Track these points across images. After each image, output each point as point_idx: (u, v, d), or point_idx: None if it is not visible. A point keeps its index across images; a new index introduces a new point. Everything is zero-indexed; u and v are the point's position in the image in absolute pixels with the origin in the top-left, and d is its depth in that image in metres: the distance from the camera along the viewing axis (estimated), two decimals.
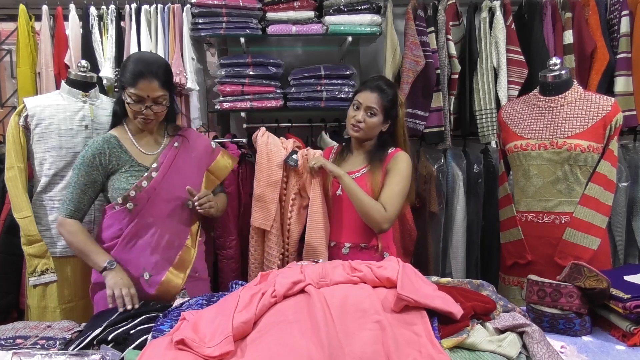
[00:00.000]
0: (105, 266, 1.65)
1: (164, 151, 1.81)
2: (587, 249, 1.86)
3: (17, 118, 2.00)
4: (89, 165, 1.72)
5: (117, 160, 1.74)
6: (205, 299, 1.50)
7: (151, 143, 1.82)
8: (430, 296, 1.24)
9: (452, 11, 2.64)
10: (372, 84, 1.88)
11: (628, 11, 2.53)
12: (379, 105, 1.84)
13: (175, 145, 1.83)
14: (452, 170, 2.63)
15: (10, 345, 1.30)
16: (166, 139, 1.85)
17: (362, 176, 1.88)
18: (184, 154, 1.84)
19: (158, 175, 1.75)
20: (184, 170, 1.81)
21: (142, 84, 1.67)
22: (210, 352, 1.12)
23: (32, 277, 1.95)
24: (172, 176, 1.77)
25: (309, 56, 2.85)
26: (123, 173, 1.73)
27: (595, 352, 1.27)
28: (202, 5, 2.49)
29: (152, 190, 1.73)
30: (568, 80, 1.94)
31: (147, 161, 1.78)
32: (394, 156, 1.89)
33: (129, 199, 1.71)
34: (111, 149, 1.74)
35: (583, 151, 1.85)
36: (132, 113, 1.72)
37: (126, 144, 1.77)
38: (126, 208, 1.71)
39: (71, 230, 1.72)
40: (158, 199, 1.74)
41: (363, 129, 1.86)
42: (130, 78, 1.68)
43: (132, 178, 1.73)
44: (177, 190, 1.78)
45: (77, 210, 1.73)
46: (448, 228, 2.65)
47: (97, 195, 1.78)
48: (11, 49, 2.93)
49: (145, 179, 1.73)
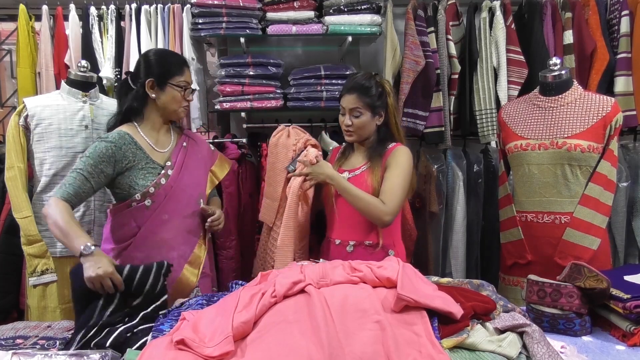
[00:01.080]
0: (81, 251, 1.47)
1: (175, 150, 1.82)
2: (587, 249, 1.85)
3: (17, 118, 2.00)
4: (100, 155, 1.67)
5: (133, 157, 1.72)
6: (205, 299, 1.50)
7: (161, 141, 1.83)
8: (430, 296, 1.24)
9: (452, 11, 2.64)
10: (349, 85, 1.88)
11: (628, 11, 2.53)
12: (362, 104, 1.83)
13: (184, 145, 1.85)
14: (452, 170, 2.63)
15: (10, 345, 1.30)
16: (173, 139, 1.86)
17: (362, 173, 1.87)
18: (192, 154, 1.86)
19: (174, 174, 1.76)
20: (194, 170, 1.84)
21: (187, 71, 1.79)
22: (210, 352, 1.12)
23: (32, 277, 1.95)
24: (185, 175, 1.80)
25: (309, 56, 2.85)
26: (140, 170, 1.72)
27: (595, 352, 1.27)
28: (202, 5, 2.49)
29: (169, 187, 1.74)
30: (568, 80, 1.94)
31: (160, 159, 1.79)
32: (393, 150, 1.88)
33: (147, 196, 1.71)
34: (127, 144, 1.72)
35: (583, 151, 1.85)
36: (180, 102, 1.77)
37: (140, 141, 1.76)
38: (144, 205, 1.71)
39: (59, 209, 1.56)
40: (174, 197, 1.76)
41: (354, 131, 1.87)
42: (177, 67, 1.75)
43: (149, 175, 1.73)
44: (189, 188, 1.80)
45: (75, 196, 1.62)
46: (448, 228, 2.65)
47: (99, 188, 1.71)
48: (11, 49, 2.93)
49: (163, 176, 1.74)
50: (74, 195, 1.62)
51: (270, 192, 2.14)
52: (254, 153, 2.68)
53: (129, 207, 1.72)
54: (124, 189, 1.73)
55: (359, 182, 1.84)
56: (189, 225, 1.81)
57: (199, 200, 1.84)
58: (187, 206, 1.80)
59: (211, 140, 2.64)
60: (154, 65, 1.75)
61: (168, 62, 1.76)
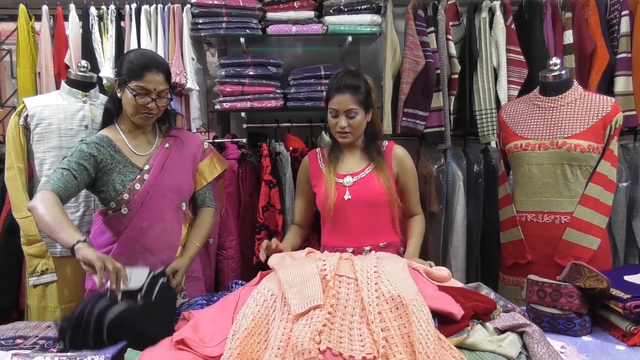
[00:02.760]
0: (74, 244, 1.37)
1: (155, 152, 1.76)
2: (587, 249, 1.86)
3: (17, 118, 2.00)
4: (81, 152, 1.62)
5: (111, 159, 1.68)
6: (205, 299, 1.50)
7: (144, 144, 1.76)
8: (431, 296, 1.24)
9: (452, 11, 2.64)
10: (338, 84, 1.78)
11: (628, 11, 2.53)
12: (356, 103, 1.76)
13: (166, 147, 1.78)
14: (452, 170, 2.63)
15: (10, 345, 1.30)
16: (158, 140, 1.80)
17: (370, 175, 1.82)
18: (176, 154, 1.79)
19: (150, 177, 1.70)
20: (176, 172, 1.77)
21: (149, 77, 1.63)
22: (210, 352, 1.12)
23: (32, 277, 1.95)
24: (164, 178, 1.73)
25: (309, 56, 2.85)
26: (117, 174, 1.68)
27: (595, 352, 1.27)
28: (202, 5, 2.49)
29: (146, 193, 1.69)
30: (568, 80, 1.94)
31: (140, 162, 1.73)
32: (394, 153, 1.87)
33: (122, 202, 1.67)
34: (105, 147, 1.68)
35: (583, 151, 1.85)
36: (135, 108, 1.65)
37: (119, 144, 1.72)
38: (120, 213, 1.67)
39: (50, 202, 1.47)
40: (152, 202, 1.70)
41: (351, 132, 1.79)
42: (137, 70, 1.63)
43: (126, 180, 1.68)
44: (169, 192, 1.74)
45: (65, 189, 1.54)
46: (448, 228, 2.65)
47: (83, 187, 1.65)
48: (11, 49, 2.93)
49: (138, 181, 1.69)
50: (64, 189, 1.55)
51: None
52: (254, 153, 2.68)
53: (106, 215, 1.70)
54: (104, 192, 1.68)
55: (369, 184, 1.80)
56: (170, 230, 1.77)
57: (181, 204, 1.79)
58: (167, 211, 1.74)
59: (211, 140, 2.64)
60: (121, 66, 1.69)
61: (131, 63, 1.65)
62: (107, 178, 1.67)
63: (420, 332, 1.08)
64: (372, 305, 1.15)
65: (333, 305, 1.17)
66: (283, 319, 1.15)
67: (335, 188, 1.81)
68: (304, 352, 1.01)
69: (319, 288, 1.19)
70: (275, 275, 1.31)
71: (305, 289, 1.20)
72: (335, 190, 1.81)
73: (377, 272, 1.26)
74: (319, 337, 1.06)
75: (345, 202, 1.80)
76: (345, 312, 1.17)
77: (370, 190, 1.80)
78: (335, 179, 1.83)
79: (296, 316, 1.14)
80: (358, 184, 1.82)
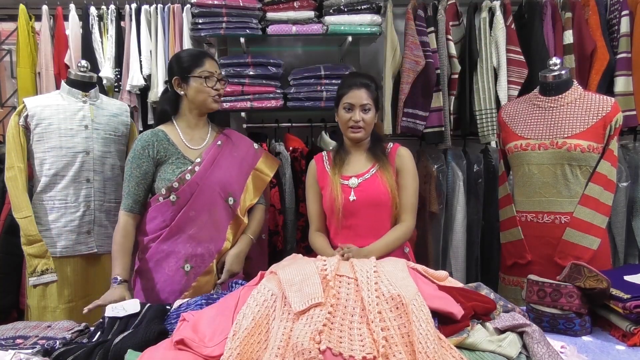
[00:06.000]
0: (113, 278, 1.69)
1: (208, 148, 1.85)
2: (587, 249, 1.85)
3: (17, 118, 2.00)
4: (139, 157, 1.78)
5: (165, 152, 1.79)
6: (204, 299, 1.50)
7: (197, 139, 1.86)
8: (431, 296, 1.24)
9: (452, 11, 2.64)
10: (356, 81, 1.84)
11: (628, 11, 2.53)
12: (371, 99, 1.83)
13: (218, 144, 1.87)
14: (452, 170, 2.63)
15: (10, 345, 1.30)
16: (210, 137, 1.89)
17: (374, 176, 1.83)
18: (227, 152, 1.88)
19: (200, 170, 1.79)
20: (226, 168, 1.85)
21: (208, 62, 1.80)
22: (210, 352, 1.12)
23: (32, 277, 1.95)
24: (214, 173, 1.81)
25: (309, 56, 2.85)
26: (170, 164, 1.79)
27: (595, 352, 1.27)
28: (202, 5, 2.49)
29: (195, 184, 1.77)
30: (568, 80, 1.94)
31: (193, 155, 1.82)
32: (398, 153, 1.88)
33: (172, 191, 1.76)
34: (159, 141, 1.80)
35: (583, 151, 1.85)
36: (204, 93, 1.79)
37: (174, 138, 1.83)
38: (169, 200, 1.76)
39: (118, 227, 1.78)
40: (201, 194, 1.78)
41: (363, 127, 1.82)
42: (196, 60, 1.79)
43: (177, 170, 1.78)
44: (218, 186, 1.81)
45: (134, 203, 1.78)
46: (448, 228, 2.65)
47: (153, 182, 1.81)
48: (11, 49, 2.94)
49: (189, 172, 1.78)
50: (134, 203, 1.79)
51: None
52: None
53: (157, 201, 1.79)
54: (157, 180, 1.80)
55: (373, 186, 1.81)
56: (217, 223, 1.83)
57: (229, 199, 1.84)
58: (214, 204, 1.81)
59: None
60: (175, 65, 1.82)
61: (186, 57, 1.81)
62: (161, 168, 1.80)
63: (420, 331, 1.09)
64: (372, 305, 1.16)
65: (333, 305, 1.17)
66: (283, 319, 1.15)
67: (341, 190, 1.84)
68: (304, 352, 1.01)
69: (319, 286, 1.20)
70: (275, 275, 1.32)
71: (305, 287, 1.20)
72: (341, 192, 1.83)
73: (377, 272, 1.27)
74: (319, 336, 1.06)
75: (350, 204, 1.82)
76: (345, 311, 1.17)
77: (374, 191, 1.81)
78: (341, 180, 1.85)
79: (296, 315, 1.14)
80: (363, 185, 1.83)
